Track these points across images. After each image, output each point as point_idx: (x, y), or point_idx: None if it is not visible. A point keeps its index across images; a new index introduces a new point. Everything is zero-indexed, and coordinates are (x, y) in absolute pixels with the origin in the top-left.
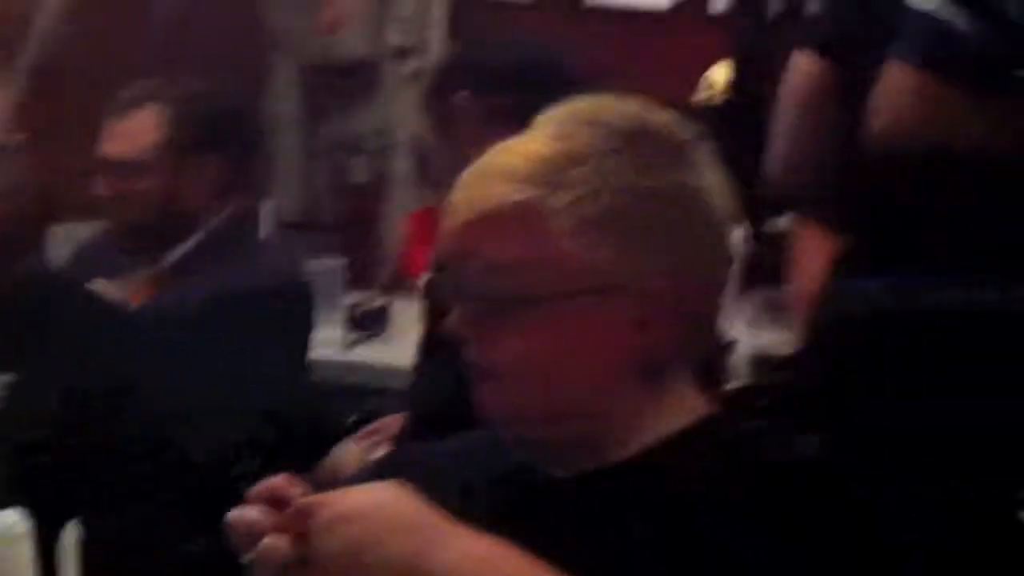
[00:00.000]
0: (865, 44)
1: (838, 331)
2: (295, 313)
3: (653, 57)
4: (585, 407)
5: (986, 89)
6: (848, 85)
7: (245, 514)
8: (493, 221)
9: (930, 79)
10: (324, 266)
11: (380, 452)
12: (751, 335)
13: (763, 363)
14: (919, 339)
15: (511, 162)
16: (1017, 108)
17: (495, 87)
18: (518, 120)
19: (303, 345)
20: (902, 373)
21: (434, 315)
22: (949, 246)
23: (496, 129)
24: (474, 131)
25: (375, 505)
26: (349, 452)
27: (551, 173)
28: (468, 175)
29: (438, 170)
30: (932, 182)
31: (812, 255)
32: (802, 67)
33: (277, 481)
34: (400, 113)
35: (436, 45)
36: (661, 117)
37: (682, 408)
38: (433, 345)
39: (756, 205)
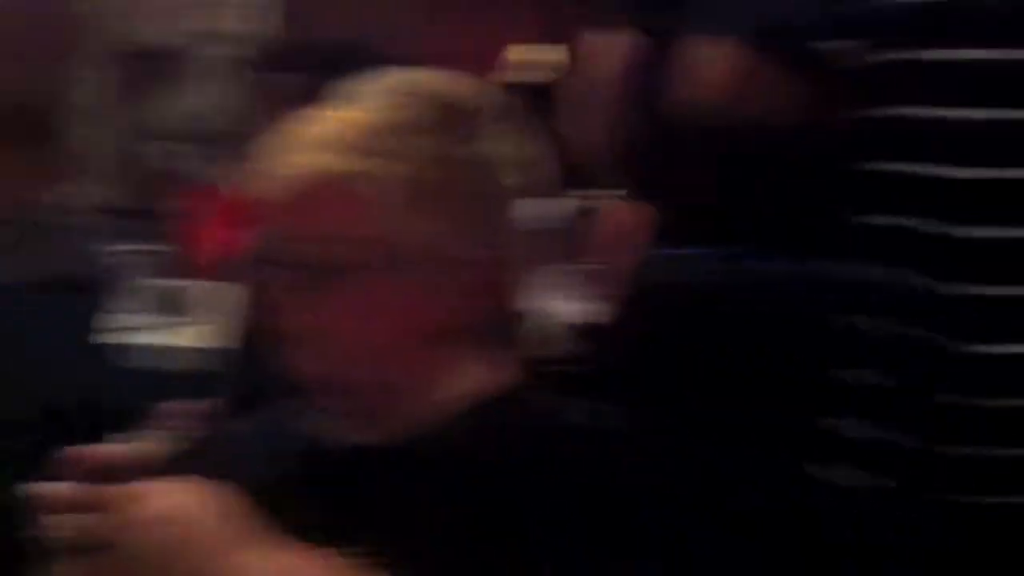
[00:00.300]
0: (673, 17)
1: (646, 302)
2: (88, 300)
3: (475, 36)
4: (389, 375)
5: (798, 63)
6: (657, 59)
7: (57, 487)
8: (308, 190)
9: (742, 52)
10: (130, 251)
11: (186, 435)
12: (566, 306)
13: (578, 333)
14: (724, 310)
15: (326, 132)
16: (828, 82)
17: (311, 67)
18: (328, 97)
19: (97, 331)
20: (707, 343)
21: (253, 293)
22: (756, 220)
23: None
24: (290, 109)
25: (188, 509)
26: (152, 436)
27: (364, 143)
28: (283, 145)
29: (258, 150)
30: (741, 156)
31: (623, 227)
32: (611, 42)
33: (95, 450)
34: (212, 98)
35: (248, 28)
36: (466, 89)
37: (485, 377)
38: (252, 324)
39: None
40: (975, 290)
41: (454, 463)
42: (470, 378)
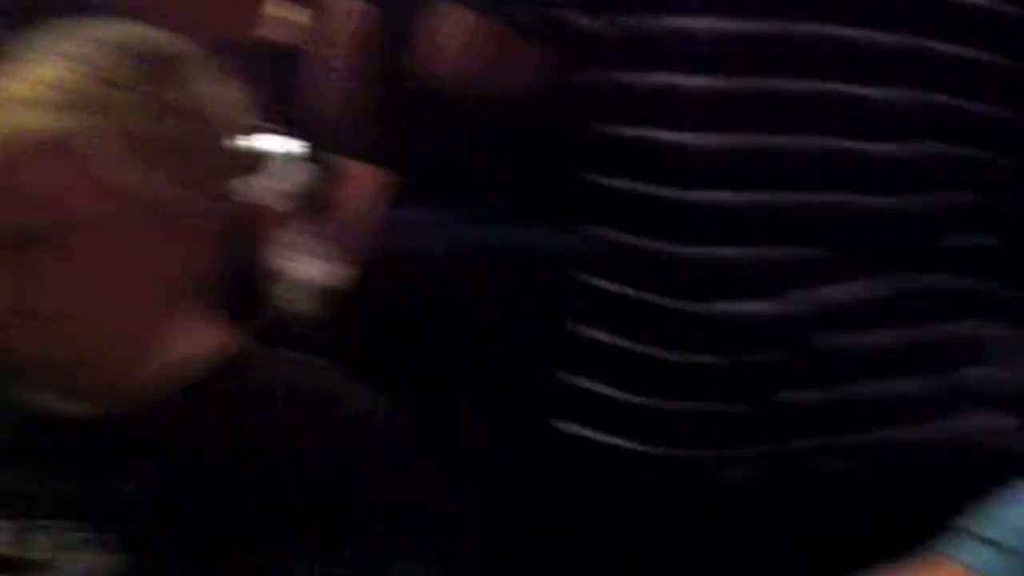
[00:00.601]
0: None
1: (385, 264)
2: None
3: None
4: (114, 342)
5: (532, 29)
6: (396, 24)
7: None
8: (16, 153)
9: (477, 18)
10: None
11: None
12: (308, 267)
13: (318, 295)
14: (461, 272)
15: (28, 89)
16: (561, 48)
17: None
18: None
19: None
20: (443, 307)
21: None
22: (493, 185)
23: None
24: None
25: None
26: None
27: (70, 99)
28: None
29: None
30: (477, 121)
31: (363, 191)
32: (353, 5)
33: None
34: None
35: None
36: (164, 38)
37: (215, 340)
38: None
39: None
40: (706, 252)
41: (183, 430)
42: (199, 342)
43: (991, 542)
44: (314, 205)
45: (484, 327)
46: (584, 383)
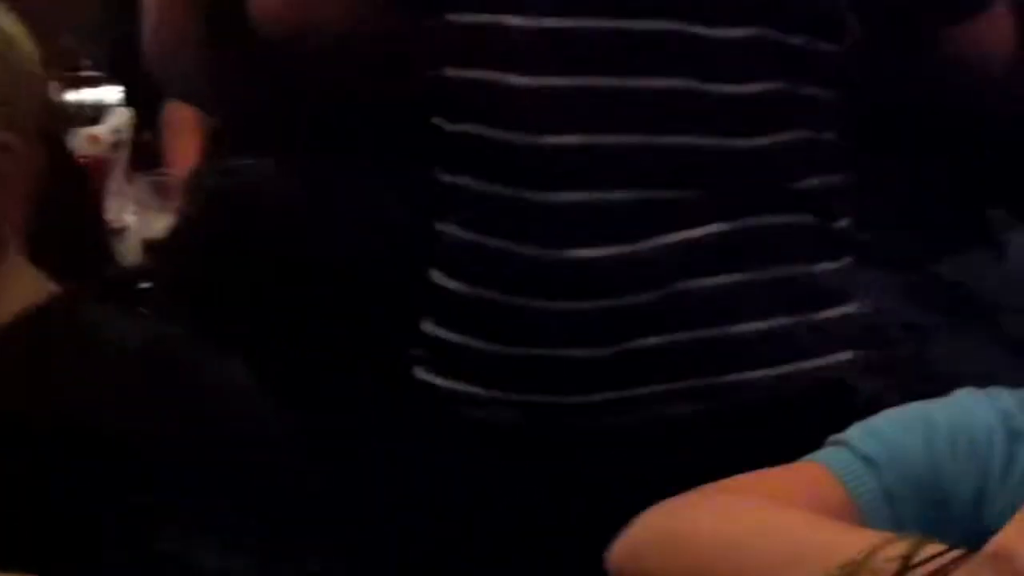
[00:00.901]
0: None
1: (208, 212)
2: None
3: None
4: None
5: None
6: None
7: None
8: None
9: None
10: None
11: None
12: (139, 219)
13: (150, 248)
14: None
15: None
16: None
17: None
18: None
19: None
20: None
21: None
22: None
23: None
24: None
25: None
26: None
27: None
28: None
29: None
30: (311, 65)
31: (186, 138)
32: None
33: None
34: None
35: None
36: None
37: (34, 289)
38: None
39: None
40: (558, 197)
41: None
42: (16, 290)
43: (846, 444)
44: (142, 153)
45: (333, 277)
46: (440, 332)
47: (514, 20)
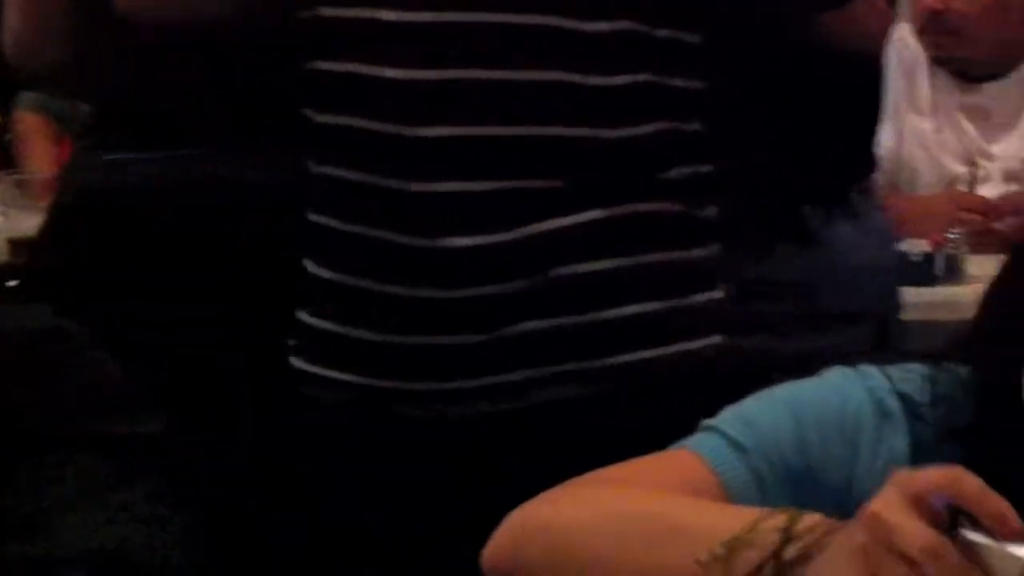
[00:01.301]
0: None
1: (79, 207)
2: None
3: None
4: None
5: None
6: None
7: None
8: None
9: None
10: None
11: None
12: (4, 218)
13: (19, 247)
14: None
15: None
16: None
17: None
18: None
19: None
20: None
21: None
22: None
23: None
24: None
25: None
26: None
27: None
28: None
29: None
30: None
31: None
32: None
33: None
34: None
35: None
36: None
37: None
38: None
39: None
40: (430, 187)
41: None
42: None
43: (716, 429)
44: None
45: (208, 268)
46: (315, 321)
47: (388, 15)
